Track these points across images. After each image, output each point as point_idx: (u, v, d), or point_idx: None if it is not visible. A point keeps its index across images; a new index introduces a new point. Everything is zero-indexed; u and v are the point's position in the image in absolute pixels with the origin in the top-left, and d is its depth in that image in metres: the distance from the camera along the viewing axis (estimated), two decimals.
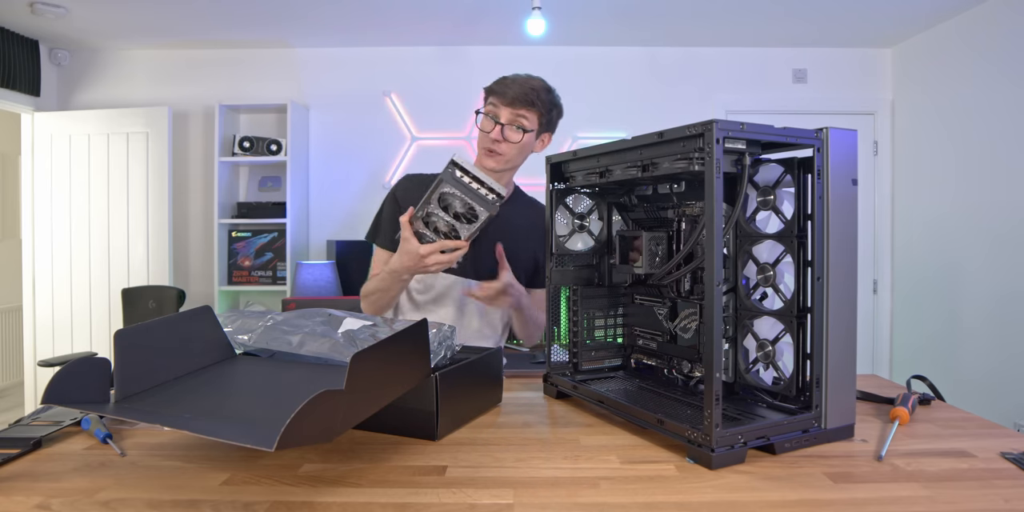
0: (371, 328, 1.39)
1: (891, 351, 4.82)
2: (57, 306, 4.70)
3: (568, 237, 1.60)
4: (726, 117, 4.59)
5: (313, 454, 1.15)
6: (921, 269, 4.50)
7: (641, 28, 4.49)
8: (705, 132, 1.10)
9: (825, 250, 1.18)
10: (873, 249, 4.83)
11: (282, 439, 0.81)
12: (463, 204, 1.54)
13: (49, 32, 4.50)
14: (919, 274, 4.53)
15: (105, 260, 4.66)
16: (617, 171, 1.37)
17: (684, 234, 1.40)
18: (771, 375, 1.30)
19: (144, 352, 1.19)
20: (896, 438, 1.23)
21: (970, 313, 4.03)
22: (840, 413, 1.21)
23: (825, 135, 1.18)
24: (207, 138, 4.86)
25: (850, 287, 1.21)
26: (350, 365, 0.92)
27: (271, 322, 1.42)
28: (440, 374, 1.22)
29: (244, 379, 1.27)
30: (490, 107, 1.87)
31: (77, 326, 4.69)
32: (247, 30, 4.52)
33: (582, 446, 1.20)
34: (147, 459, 1.12)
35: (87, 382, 1.09)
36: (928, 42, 4.46)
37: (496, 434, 1.28)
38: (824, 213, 1.18)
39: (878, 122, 4.82)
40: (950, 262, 4.20)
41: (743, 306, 1.33)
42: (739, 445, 1.10)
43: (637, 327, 1.61)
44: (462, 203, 1.54)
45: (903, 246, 4.71)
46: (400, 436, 1.25)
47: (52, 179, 4.68)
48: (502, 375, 1.52)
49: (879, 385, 1.67)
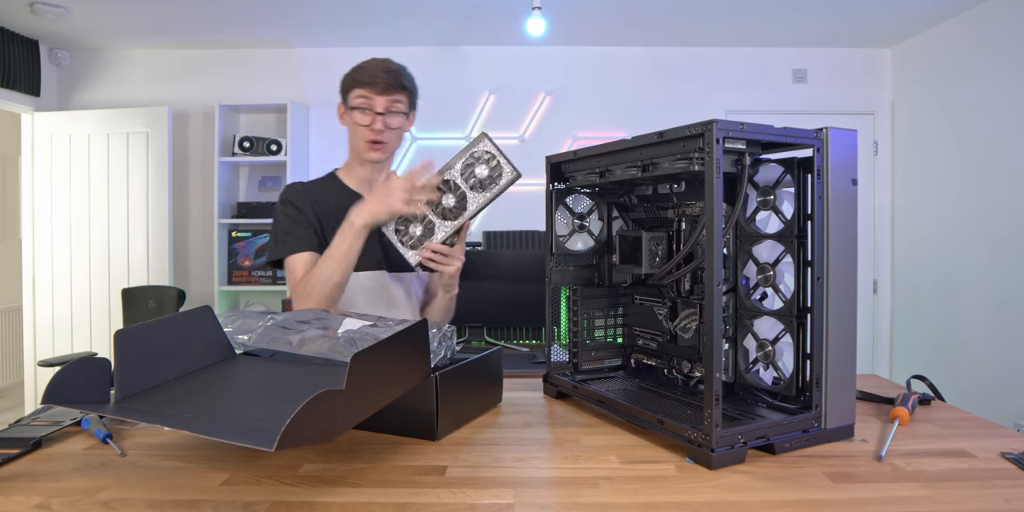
0: (371, 328, 1.39)
1: (891, 351, 4.82)
2: (57, 306, 4.70)
3: (568, 237, 1.60)
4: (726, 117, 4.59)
5: (313, 454, 1.15)
6: (922, 269, 4.50)
7: (642, 28, 4.49)
8: (705, 132, 1.10)
9: (825, 250, 1.18)
10: (873, 249, 4.83)
11: (282, 439, 0.81)
12: (492, 167, 1.57)
13: (49, 32, 4.50)
14: (919, 274, 4.53)
15: (105, 260, 4.66)
16: (617, 171, 1.37)
17: (684, 234, 1.40)
18: (771, 375, 1.30)
19: (144, 352, 1.19)
20: (896, 438, 1.23)
21: (971, 313, 4.03)
22: (840, 413, 1.21)
23: (825, 135, 1.18)
24: (207, 138, 4.86)
25: (850, 287, 1.21)
26: (350, 365, 0.92)
27: (271, 322, 1.42)
28: (440, 374, 1.22)
29: (244, 379, 1.27)
30: (360, 100, 1.82)
31: (77, 326, 4.69)
32: (247, 30, 4.52)
33: (582, 446, 1.20)
34: (147, 459, 1.13)
35: (87, 382, 1.09)
36: (929, 41, 4.45)
37: (496, 434, 1.28)
38: (824, 213, 1.18)
39: (878, 122, 4.82)
40: (951, 262, 4.20)
41: (743, 306, 1.33)
42: (739, 445, 1.10)
43: (637, 327, 1.61)
44: (489, 167, 1.57)
45: (903, 246, 4.71)
46: (400, 436, 1.25)
47: (52, 179, 4.67)
48: (502, 375, 1.52)
49: (879, 385, 1.67)
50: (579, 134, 4.79)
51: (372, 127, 1.83)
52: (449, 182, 1.60)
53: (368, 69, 1.83)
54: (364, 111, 1.83)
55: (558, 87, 4.82)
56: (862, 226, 4.64)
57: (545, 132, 4.80)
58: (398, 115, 1.85)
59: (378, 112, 1.82)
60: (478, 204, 1.58)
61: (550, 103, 4.81)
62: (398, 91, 1.83)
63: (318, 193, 1.90)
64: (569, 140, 4.79)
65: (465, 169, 1.59)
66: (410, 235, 1.62)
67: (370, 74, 1.82)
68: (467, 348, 1.55)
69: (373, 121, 1.83)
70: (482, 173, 1.58)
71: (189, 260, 4.92)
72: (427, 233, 1.61)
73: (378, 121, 1.82)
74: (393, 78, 1.82)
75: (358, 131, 1.85)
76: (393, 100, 1.83)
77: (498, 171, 1.57)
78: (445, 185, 1.60)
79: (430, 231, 1.61)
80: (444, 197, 1.60)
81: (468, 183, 1.59)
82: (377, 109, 1.82)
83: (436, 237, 1.61)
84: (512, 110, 4.83)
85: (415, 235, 1.62)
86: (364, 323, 1.39)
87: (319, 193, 1.90)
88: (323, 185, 1.95)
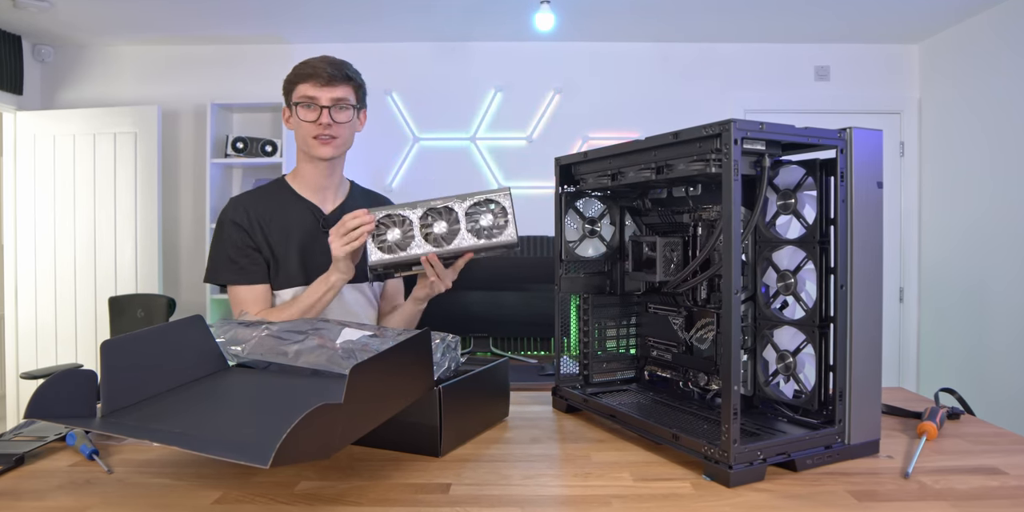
0: (371, 338, 1.39)
1: (918, 362, 4.80)
2: (41, 315, 4.71)
3: (578, 243, 1.60)
4: (744, 116, 4.60)
5: (310, 471, 1.15)
6: (951, 276, 4.49)
7: (655, 22, 4.49)
8: (722, 132, 1.10)
9: (849, 256, 1.18)
10: (899, 255, 4.82)
11: (277, 455, 0.82)
12: (498, 223, 1.60)
13: (32, 27, 4.52)
14: (948, 282, 4.51)
15: (91, 267, 4.67)
16: (630, 173, 1.38)
17: (700, 240, 1.40)
18: (792, 388, 1.30)
19: (132, 364, 1.19)
20: (923, 454, 1.22)
21: (1003, 322, 4.01)
22: (864, 428, 1.21)
23: (849, 135, 1.19)
24: (198, 138, 4.86)
25: (875, 295, 1.21)
26: (349, 377, 0.92)
27: (266, 332, 1.42)
28: (444, 387, 1.22)
29: (237, 392, 1.27)
30: (304, 97, 1.81)
31: (62, 336, 4.70)
32: (240, 25, 4.53)
33: (593, 463, 1.20)
34: (135, 476, 1.13)
35: (72, 395, 1.09)
36: (958, 37, 4.45)
37: (502, 450, 1.28)
38: (848, 217, 1.18)
39: (905, 122, 4.81)
40: (982, 269, 4.18)
41: (762, 315, 1.33)
42: (758, 462, 1.10)
43: (651, 337, 1.61)
44: (495, 220, 1.60)
45: (931, 252, 4.70)
46: (401, 452, 1.25)
47: (35, 182, 4.69)
48: (509, 388, 1.52)
49: (905, 398, 1.67)
50: (590, 134, 4.79)
51: (319, 121, 1.81)
52: (451, 212, 1.62)
53: (310, 63, 1.83)
54: (309, 106, 1.82)
55: (568, 85, 4.82)
56: (887, 231, 4.62)
57: (554, 132, 4.80)
58: (346, 109, 1.84)
59: (324, 105, 1.81)
60: (466, 244, 1.60)
61: (559, 102, 4.81)
62: (343, 82, 1.83)
63: (265, 204, 1.90)
64: (579, 141, 4.79)
65: (473, 208, 1.61)
66: (385, 238, 1.63)
67: (312, 67, 1.82)
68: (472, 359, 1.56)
69: (320, 115, 1.81)
70: (486, 221, 1.61)
71: (179, 267, 4.93)
72: (403, 243, 1.62)
73: (324, 114, 1.81)
74: (337, 70, 1.82)
75: (304, 128, 1.84)
76: (339, 92, 1.82)
77: (501, 229, 1.60)
78: (445, 212, 1.62)
79: (406, 243, 1.62)
80: (437, 223, 1.62)
81: (467, 220, 1.61)
82: (322, 102, 1.81)
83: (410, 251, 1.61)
84: (519, 109, 4.83)
85: (389, 240, 1.62)
86: (364, 333, 1.40)
87: (266, 204, 1.91)
88: (271, 194, 1.95)
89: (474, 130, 4.84)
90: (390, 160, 4.84)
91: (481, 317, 2.55)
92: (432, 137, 4.86)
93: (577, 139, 4.79)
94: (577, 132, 4.78)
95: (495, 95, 4.83)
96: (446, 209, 1.62)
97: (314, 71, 1.80)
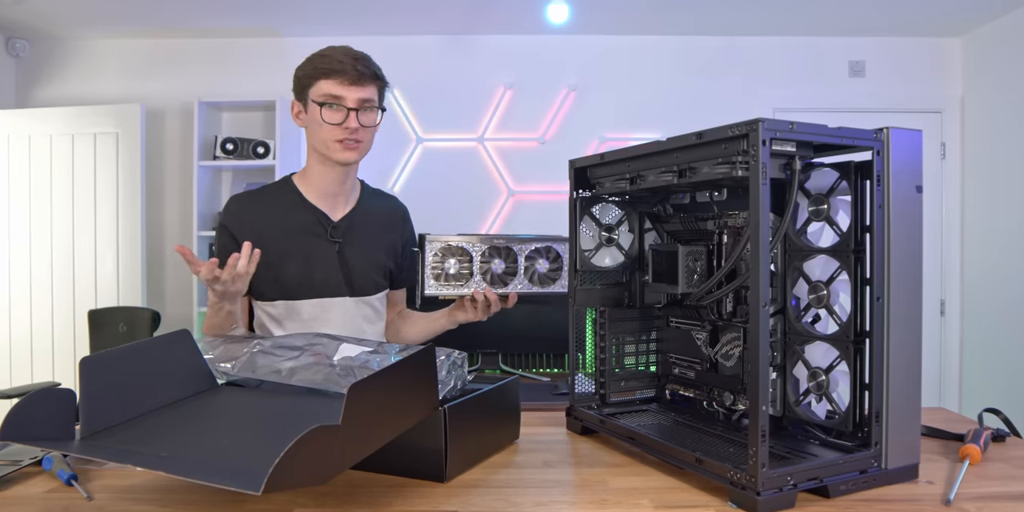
0: (371, 355, 1.39)
1: (960, 381, 4.78)
2: (15, 330, 4.72)
3: (594, 252, 1.60)
4: (773, 115, 4.60)
5: (305, 498, 1.15)
6: (995, 288, 4.47)
7: (677, 14, 4.49)
8: (750, 133, 1.10)
9: (885, 266, 1.18)
10: (940, 266, 4.80)
11: (270, 481, 0.82)
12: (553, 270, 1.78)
13: (6, 19, 4.53)
14: (993, 294, 4.49)
15: (69, 278, 4.68)
16: (650, 177, 1.38)
17: (726, 248, 1.41)
18: (824, 408, 1.30)
19: (113, 382, 1.20)
20: (966, 479, 1.22)
21: None
22: (902, 451, 1.21)
23: (886, 136, 1.19)
24: (185, 139, 4.86)
25: (914, 308, 1.21)
26: (347, 397, 0.92)
27: (257, 348, 1.42)
28: (449, 407, 1.22)
29: (227, 413, 1.27)
30: (329, 96, 1.74)
31: (37, 352, 4.70)
32: (231, 17, 4.54)
33: (610, 489, 1.20)
34: (117, 504, 1.13)
35: (49, 416, 1.09)
36: (1003, 30, 4.44)
37: (513, 475, 1.28)
38: (885, 224, 1.18)
39: (946, 121, 4.80)
40: None
41: (793, 330, 1.33)
42: (788, 487, 1.10)
43: (672, 354, 1.61)
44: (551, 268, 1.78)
45: (975, 262, 4.68)
46: (404, 477, 1.25)
47: (9, 186, 4.70)
48: (519, 408, 1.52)
49: (947, 419, 1.66)
50: (607, 135, 4.77)
51: (345, 125, 1.75)
52: (510, 252, 1.75)
53: (333, 57, 1.75)
54: (334, 107, 1.75)
55: (583, 82, 4.81)
56: (927, 239, 4.61)
57: (568, 133, 4.79)
58: (372, 110, 1.79)
59: (350, 107, 1.75)
60: (519, 287, 1.75)
61: (574, 100, 4.80)
62: (371, 81, 1.78)
63: (265, 206, 1.88)
64: (595, 142, 4.78)
65: (535, 254, 1.76)
66: (442, 269, 1.74)
67: (338, 62, 1.74)
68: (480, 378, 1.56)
69: (346, 118, 1.75)
70: (542, 268, 1.76)
71: (165, 278, 4.93)
72: (460, 276, 1.74)
73: (352, 118, 1.75)
74: (365, 66, 1.76)
75: (326, 131, 1.77)
76: (366, 92, 1.77)
77: (554, 277, 1.76)
78: (505, 252, 1.75)
79: (462, 277, 1.75)
80: (495, 260, 1.74)
81: (524, 264, 1.75)
82: (349, 104, 1.75)
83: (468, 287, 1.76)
84: (531, 108, 4.82)
85: (444, 270, 1.74)
86: (363, 349, 1.40)
87: (266, 206, 1.88)
88: (273, 195, 1.91)
89: (482, 130, 4.83)
90: (391, 162, 4.84)
91: (489, 332, 2.53)
92: (437, 138, 4.86)
93: (593, 140, 4.78)
94: (593, 132, 4.77)
95: (505, 93, 4.82)
96: (506, 249, 1.74)
97: (341, 67, 1.73)
